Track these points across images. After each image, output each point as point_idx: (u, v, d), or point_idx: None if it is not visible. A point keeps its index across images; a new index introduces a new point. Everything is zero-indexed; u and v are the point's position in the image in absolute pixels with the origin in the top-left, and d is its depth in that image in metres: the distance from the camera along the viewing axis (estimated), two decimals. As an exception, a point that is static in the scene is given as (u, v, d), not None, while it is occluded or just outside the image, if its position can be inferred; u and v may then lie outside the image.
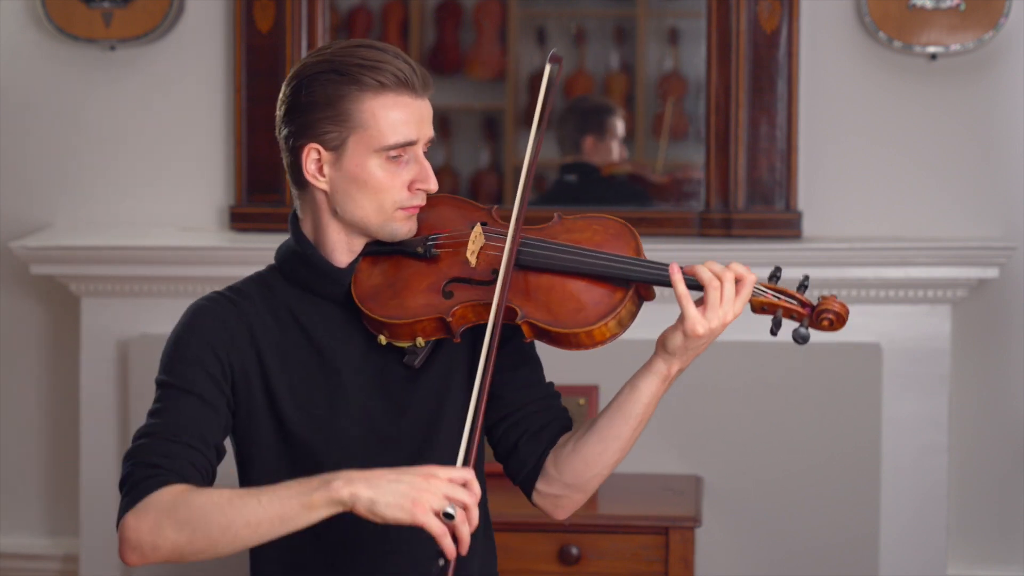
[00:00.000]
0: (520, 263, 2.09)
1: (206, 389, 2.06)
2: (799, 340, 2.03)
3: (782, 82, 3.65)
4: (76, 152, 3.88)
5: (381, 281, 2.11)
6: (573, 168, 3.91)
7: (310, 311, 2.14)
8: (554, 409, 2.21)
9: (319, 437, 2.11)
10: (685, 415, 3.65)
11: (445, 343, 2.14)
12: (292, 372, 2.12)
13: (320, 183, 2.10)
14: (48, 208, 3.90)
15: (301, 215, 2.16)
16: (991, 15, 3.57)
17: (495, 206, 2.19)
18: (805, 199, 3.70)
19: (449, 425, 2.14)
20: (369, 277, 2.12)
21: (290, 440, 2.12)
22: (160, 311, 3.71)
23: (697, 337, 2.04)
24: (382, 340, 2.10)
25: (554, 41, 4.03)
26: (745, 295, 2.04)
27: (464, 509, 1.85)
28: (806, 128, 3.70)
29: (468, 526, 1.85)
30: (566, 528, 3.33)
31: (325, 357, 2.12)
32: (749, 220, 3.67)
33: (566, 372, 2.59)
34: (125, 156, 3.87)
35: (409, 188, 2.09)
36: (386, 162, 2.07)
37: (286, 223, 2.20)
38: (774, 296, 2.06)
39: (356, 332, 2.13)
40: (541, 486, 2.19)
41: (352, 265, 2.13)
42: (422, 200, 2.11)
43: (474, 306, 2.06)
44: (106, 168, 3.88)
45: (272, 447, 2.12)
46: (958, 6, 3.58)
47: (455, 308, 2.06)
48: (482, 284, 2.08)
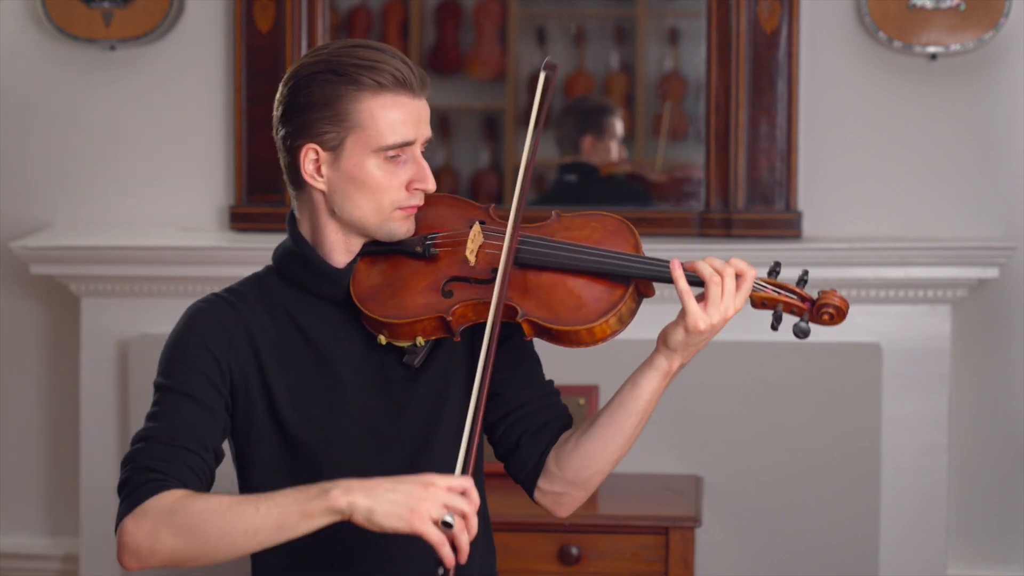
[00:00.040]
0: (519, 261, 2.09)
1: (204, 392, 2.06)
2: (800, 334, 2.04)
3: (782, 82, 3.65)
4: (76, 152, 3.88)
5: (380, 281, 2.11)
6: (573, 168, 3.91)
7: (308, 312, 2.13)
8: (554, 407, 2.21)
9: (317, 437, 2.11)
10: (685, 415, 3.65)
11: (444, 342, 2.14)
12: (290, 373, 2.12)
13: (318, 183, 2.09)
14: (48, 208, 3.90)
15: (298, 215, 2.15)
16: (991, 15, 3.57)
17: (492, 205, 2.18)
18: (805, 199, 3.70)
19: (448, 424, 2.14)
20: (368, 277, 2.12)
21: (289, 441, 2.12)
22: (160, 311, 3.71)
23: (699, 332, 2.04)
24: (382, 340, 2.09)
25: (554, 41, 4.03)
26: (746, 290, 2.04)
27: (463, 518, 1.85)
28: (806, 128, 3.69)
29: (467, 535, 1.85)
30: (566, 528, 3.33)
31: (324, 358, 2.12)
32: (749, 220, 3.66)
33: (566, 372, 2.59)
34: (125, 156, 3.87)
35: (407, 188, 2.09)
36: (384, 162, 2.07)
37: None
38: (774, 291, 2.06)
39: (355, 332, 2.13)
40: (543, 484, 2.19)
41: (350, 265, 2.13)
42: (420, 200, 2.11)
43: (474, 305, 2.06)
44: (106, 168, 3.88)
45: (271, 448, 2.12)
46: (958, 6, 3.58)
47: (455, 307, 2.06)
48: (482, 283, 2.08)
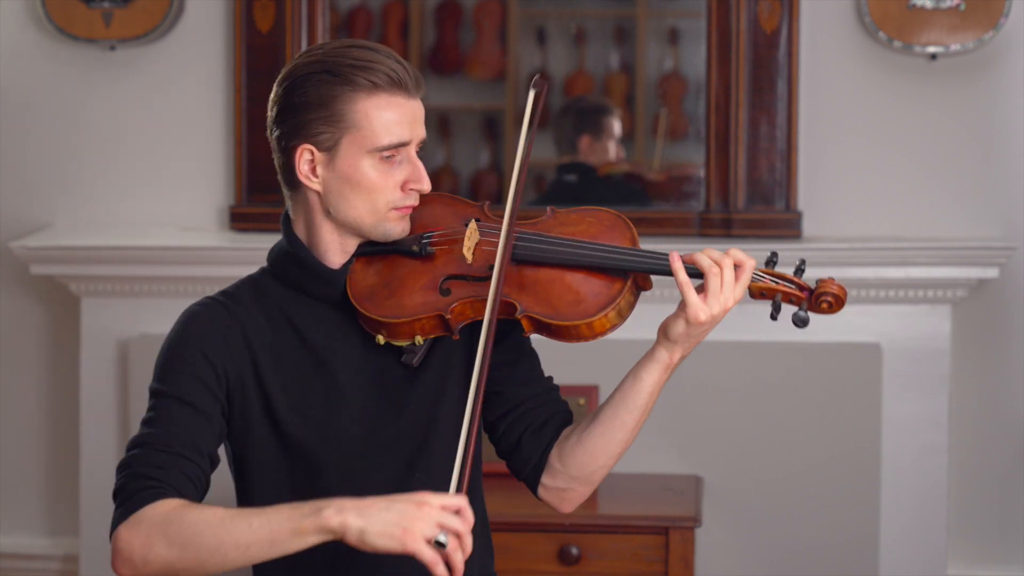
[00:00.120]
0: (516, 257, 2.09)
1: (199, 397, 2.06)
2: (799, 324, 2.04)
3: (782, 82, 3.65)
4: (76, 152, 3.88)
5: (377, 281, 2.11)
6: (573, 168, 3.91)
7: (304, 313, 2.13)
8: (555, 403, 2.21)
9: (315, 438, 2.11)
10: (685, 415, 3.65)
11: (441, 341, 2.14)
12: (286, 374, 2.11)
13: (313, 184, 2.09)
14: (48, 208, 3.90)
15: (293, 216, 2.15)
16: (991, 15, 3.57)
17: (487, 202, 2.18)
18: (805, 199, 3.70)
19: (447, 423, 2.14)
20: (364, 277, 2.12)
21: (286, 442, 2.11)
22: (160, 311, 3.71)
23: (699, 324, 2.04)
24: (380, 340, 2.09)
25: (554, 41, 4.03)
26: (745, 280, 2.05)
27: (457, 537, 1.83)
28: (806, 128, 3.69)
29: (461, 553, 1.84)
30: (566, 528, 3.33)
31: (320, 358, 2.12)
32: (749, 220, 3.67)
33: (566, 372, 2.58)
34: (125, 156, 3.87)
35: (402, 188, 2.09)
36: (379, 162, 2.07)
37: (284, 224, 2.20)
38: (772, 281, 2.07)
39: (352, 333, 2.13)
40: (546, 480, 2.19)
41: (346, 266, 2.12)
42: (415, 200, 2.11)
43: (472, 302, 2.06)
44: (106, 168, 3.88)
45: (269, 450, 2.12)
46: (958, 6, 3.58)
47: (453, 305, 2.06)
48: (479, 280, 2.08)
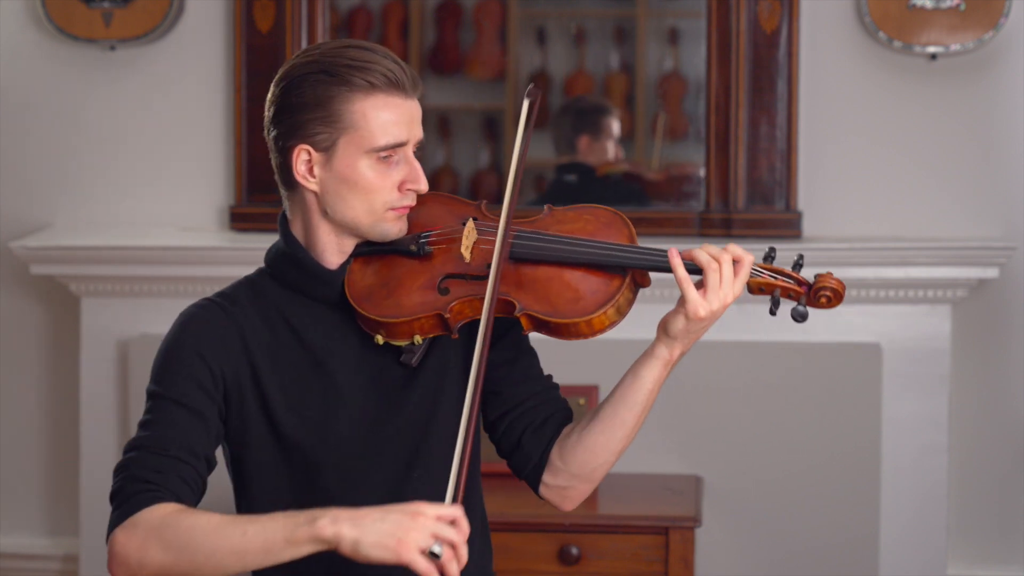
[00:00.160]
0: (515, 256, 2.09)
1: (196, 399, 2.06)
2: (798, 318, 2.04)
3: (782, 82, 3.65)
4: (76, 152, 3.88)
5: (375, 281, 2.11)
6: (572, 168, 3.91)
7: (301, 313, 2.13)
8: (554, 401, 2.21)
9: (313, 439, 2.11)
10: (685, 415, 3.65)
11: (439, 341, 2.14)
12: (284, 375, 2.11)
13: (310, 184, 2.09)
14: (48, 208, 3.90)
15: (291, 216, 2.15)
16: (991, 15, 3.57)
17: (484, 201, 2.18)
18: (805, 199, 3.70)
19: (446, 422, 2.13)
20: (362, 277, 2.11)
21: (284, 442, 2.11)
22: (160, 311, 3.71)
23: (699, 320, 2.04)
24: (379, 340, 2.09)
25: (554, 41, 4.03)
26: (744, 275, 2.05)
27: (452, 547, 1.83)
28: (806, 128, 3.69)
29: (456, 564, 1.83)
30: (566, 528, 3.33)
31: (318, 359, 2.12)
32: (749, 220, 3.67)
33: (566, 372, 2.58)
34: (125, 156, 3.87)
35: (399, 189, 2.09)
36: (376, 163, 2.07)
37: (286, 223, 2.20)
38: (771, 276, 2.07)
39: (350, 333, 2.13)
40: (547, 478, 2.19)
41: (343, 267, 2.12)
42: (412, 201, 2.11)
43: (471, 301, 2.06)
44: (106, 168, 3.88)
45: (266, 450, 2.12)
46: (958, 6, 3.58)
47: (452, 304, 2.06)
48: (478, 279, 2.07)
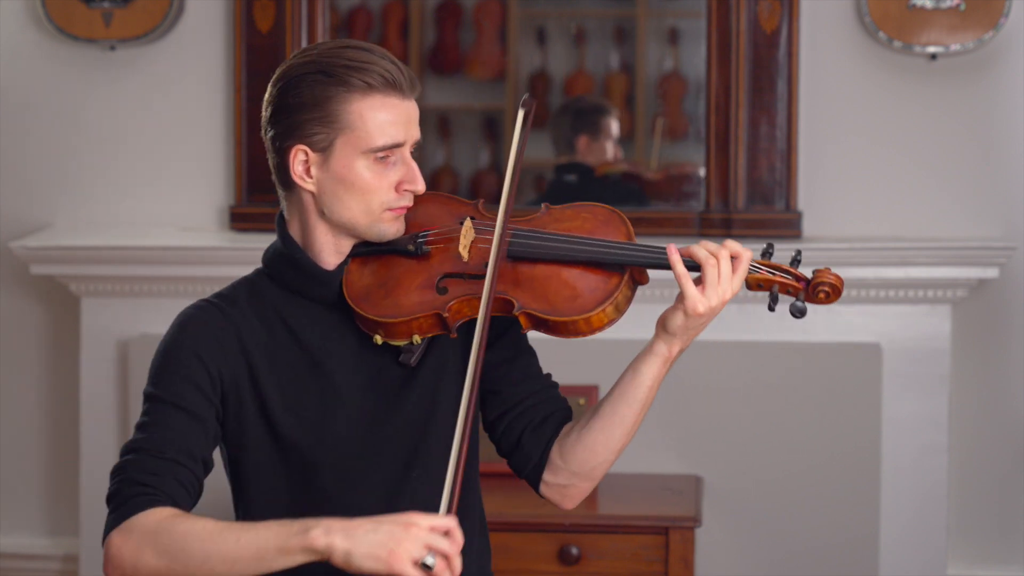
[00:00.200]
0: (512, 254, 2.09)
1: (193, 402, 2.06)
2: (796, 314, 2.05)
3: (782, 82, 3.65)
4: (76, 152, 3.88)
5: (373, 281, 2.11)
6: (572, 168, 3.91)
7: (299, 314, 2.13)
8: (554, 399, 2.21)
9: (311, 439, 2.11)
10: (685, 415, 3.65)
11: (437, 341, 2.14)
12: (281, 375, 2.11)
13: (307, 184, 2.09)
14: (48, 208, 3.90)
15: (288, 216, 2.15)
16: (991, 15, 3.57)
17: (481, 200, 2.18)
18: (805, 199, 3.70)
19: (444, 421, 2.13)
20: (360, 278, 2.11)
21: (281, 443, 2.11)
22: (160, 311, 3.71)
23: (698, 316, 2.04)
24: (378, 340, 2.09)
25: (554, 41, 4.03)
26: (742, 272, 2.05)
27: (445, 558, 1.82)
28: (806, 128, 3.70)
29: (450, 575, 1.83)
30: (566, 528, 3.33)
31: (316, 360, 2.12)
32: (749, 220, 3.67)
33: (566, 372, 2.59)
34: (125, 156, 3.87)
35: (396, 189, 2.09)
36: (373, 163, 2.07)
37: (286, 223, 2.20)
38: (769, 272, 2.07)
39: (348, 333, 2.12)
40: (548, 477, 2.18)
41: (340, 267, 2.12)
42: (409, 201, 2.11)
43: (469, 300, 2.06)
44: (106, 168, 3.88)
45: (264, 450, 2.12)
46: (958, 6, 3.58)
47: (451, 303, 2.06)
48: (476, 278, 2.07)
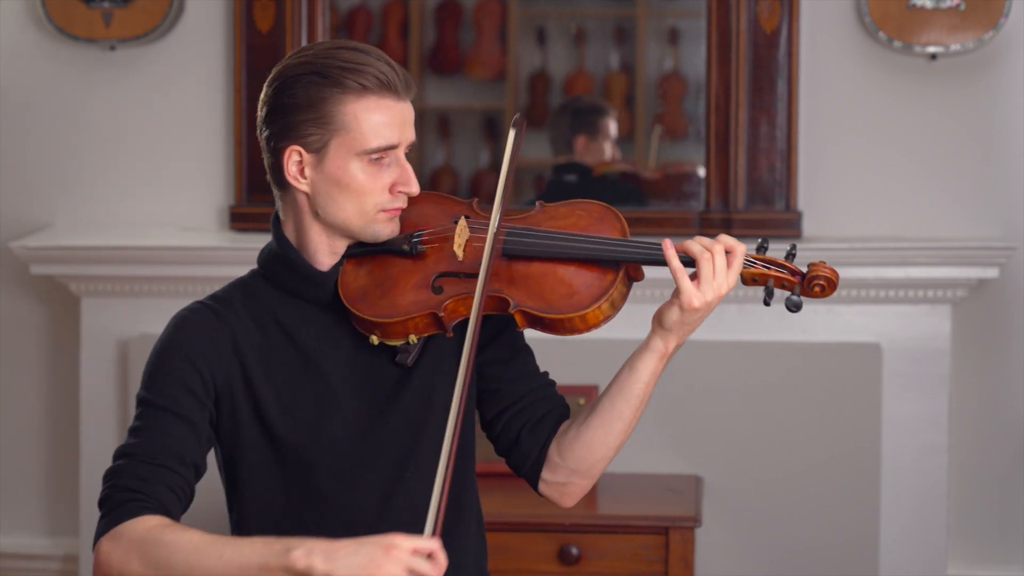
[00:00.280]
0: (507, 253, 2.09)
1: (185, 406, 2.06)
2: (792, 308, 2.05)
3: (782, 82, 3.65)
4: (76, 152, 3.88)
5: (368, 281, 2.11)
6: (571, 168, 3.91)
7: (294, 315, 2.13)
8: (551, 397, 2.21)
9: (306, 440, 2.11)
10: (685, 415, 3.65)
11: (433, 339, 2.14)
12: (276, 376, 2.11)
13: (301, 185, 2.09)
14: (48, 208, 3.90)
15: (283, 217, 2.15)
16: (991, 15, 3.57)
17: (476, 199, 2.18)
18: (805, 199, 3.70)
19: (439, 419, 2.13)
20: (356, 278, 2.11)
21: (276, 444, 2.11)
22: (160, 311, 3.70)
23: (693, 311, 2.04)
24: (374, 340, 2.09)
25: (554, 41, 4.03)
26: (737, 266, 2.05)
27: None
28: (806, 128, 3.69)
29: None
30: (566, 528, 3.33)
31: (311, 360, 2.12)
32: (749, 220, 3.66)
33: (565, 371, 2.59)
34: (125, 156, 3.87)
35: (390, 191, 2.09)
36: (368, 165, 2.07)
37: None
38: (764, 267, 2.07)
39: (343, 334, 2.13)
40: (546, 475, 2.18)
41: (335, 268, 2.12)
42: (403, 203, 2.11)
43: (465, 299, 2.06)
44: (106, 168, 3.88)
45: (259, 451, 2.12)
46: (958, 6, 3.58)
47: (446, 302, 2.06)
48: (471, 277, 2.07)
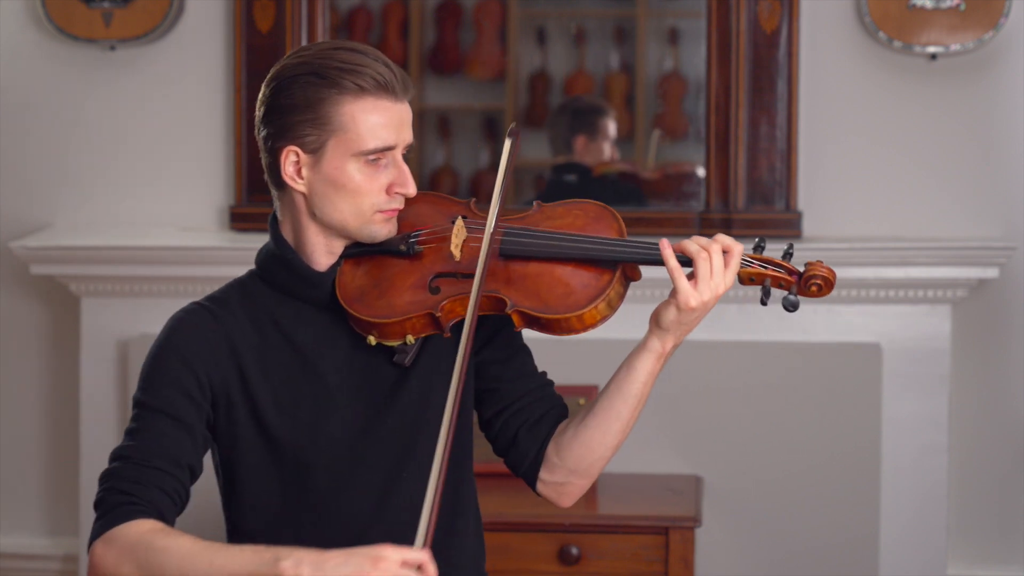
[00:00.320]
0: (504, 253, 2.09)
1: (181, 408, 2.07)
2: (789, 308, 2.05)
3: (782, 82, 3.65)
4: (76, 152, 3.88)
5: (366, 282, 2.11)
6: (570, 168, 3.91)
7: (291, 315, 2.13)
8: (550, 398, 2.21)
9: (304, 441, 2.11)
10: (685, 415, 3.65)
11: (430, 339, 2.14)
12: (274, 377, 2.11)
13: (298, 185, 2.09)
14: (48, 208, 3.90)
15: (281, 217, 2.15)
16: (991, 15, 3.57)
17: (473, 199, 2.18)
18: (805, 199, 3.70)
19: (436, 419, 2.11)
20: (353, 279, 2.11)
21: (273, 444, 2.11)
22: (160, 311, 3.68)
23: (690, 310, 2.04)
24: (371, 341, 2.09)
25: (554, 41, 4.03)
26: (734, 265, 2.05)
27: None
28: (806, 128, 3.69)
29: None
30: (566, 528, 3.33)
31: (308, 361, 2.12)
32: (749, 220, 3.66)
33: (564, 372, 2.59)
34: (125, 156, 3.87)
35: (387, 192, 2.09)
36: (365, 166, 2.07)
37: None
38: (761, 266, 2.07)
39: (341, 335, 2.13)
40: (544, 475, 2.18)
41: (332, 268, 2.12)
42: (400, 204, 2.11)
43: (462, 299, 2.06)
44: (106, 168, 3.88)
45: (256, 452, 2.12)
46: (958, 6, 3.58)
47: (443, 303, 2.06)
48: (468, 277, 2.07)
